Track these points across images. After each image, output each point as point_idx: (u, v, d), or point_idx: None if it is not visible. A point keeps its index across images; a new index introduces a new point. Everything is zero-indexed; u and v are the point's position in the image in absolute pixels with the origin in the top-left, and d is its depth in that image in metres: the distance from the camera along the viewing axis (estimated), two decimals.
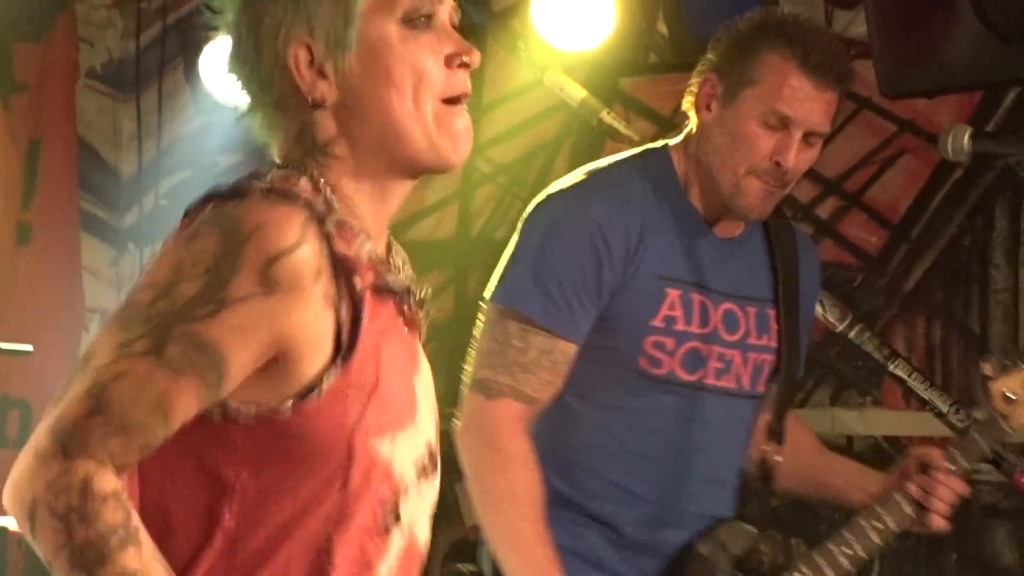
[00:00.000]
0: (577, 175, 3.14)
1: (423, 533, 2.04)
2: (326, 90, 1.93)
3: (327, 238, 1.88)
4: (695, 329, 3.10)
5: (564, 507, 3.08)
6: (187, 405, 1.76)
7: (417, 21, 1.93)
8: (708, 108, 3.05)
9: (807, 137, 3.06)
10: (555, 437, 3.11)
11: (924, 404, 4.10)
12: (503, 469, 3.00)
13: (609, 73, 4.77)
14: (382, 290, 1.96)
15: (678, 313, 3.07)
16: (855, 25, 4.98)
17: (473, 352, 3.10)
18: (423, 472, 2.01)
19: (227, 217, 1.84)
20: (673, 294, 3.07)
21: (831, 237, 5.34)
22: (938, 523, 3.16)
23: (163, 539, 1.80)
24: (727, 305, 3.14)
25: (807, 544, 3.27)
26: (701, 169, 3.09)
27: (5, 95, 5.74)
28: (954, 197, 5.16)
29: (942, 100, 4.77)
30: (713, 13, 4.88)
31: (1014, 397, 3.16)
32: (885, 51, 4.29)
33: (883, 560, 5.06)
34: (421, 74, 1.93)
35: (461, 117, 1.97)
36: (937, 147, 3.14)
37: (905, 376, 4.10)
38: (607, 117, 3.86)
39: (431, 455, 2.04)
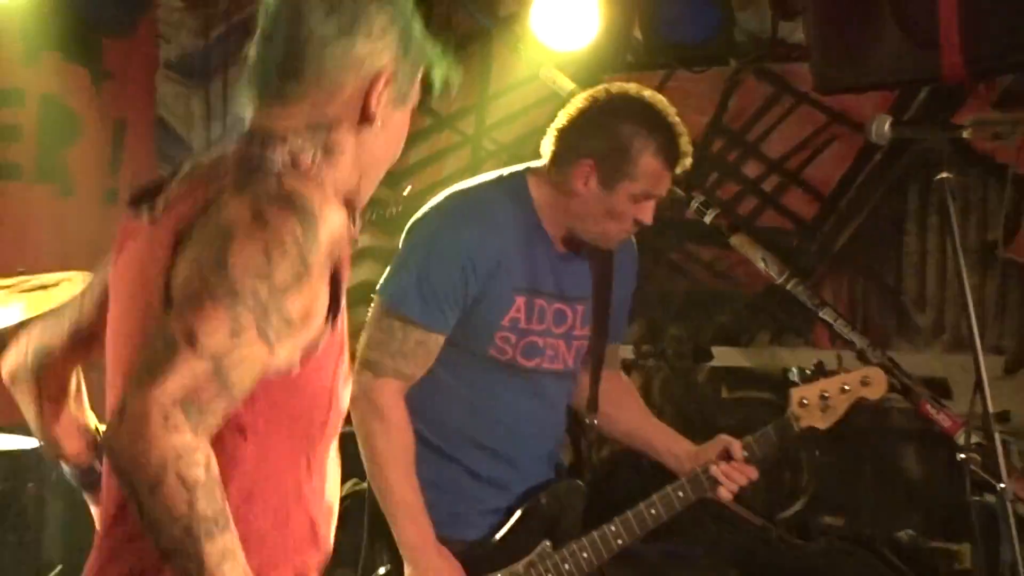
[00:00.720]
0: (452, 198, 3.26)
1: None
2: (379, 110, 2.00)
3: None
4: (534, 326, 3.25)
5: (432, 450, 3.22)
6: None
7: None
8: (585, 183, 3.13)
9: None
10: (427, 399, 3.20)
11: (847, 344, 4.19)
12: (386, 435, 3.14)
13: (593, 70, 4.77)
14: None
15: (521, 315, 3.22)
16: (796, 33, 4.95)
17: (364, 336, 3.21)
18: None
19: (295, 195, 1.83)
20: (520, 300, 3.20)
21: (774, 207, 5.38)
22: (725, 496, 3.32)
23: None
24: (558, 305, 3.28)
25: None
26: (561, 208, 3.21)
27: (96, 82, 5.70)
28: (875, 175, 5.20)
29: (866, 96, 4.78)
30: (678, 23, 4.97)
31: (807, 403, 3.32)
32: (820, 55, 4.36)
33: (811, 473, 5.16)
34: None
35: None
36: (863, 133, 3.20)
37: (832, 321, 4.17)
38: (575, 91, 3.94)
39: None
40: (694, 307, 5.49)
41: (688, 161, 3.21)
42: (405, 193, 5.39)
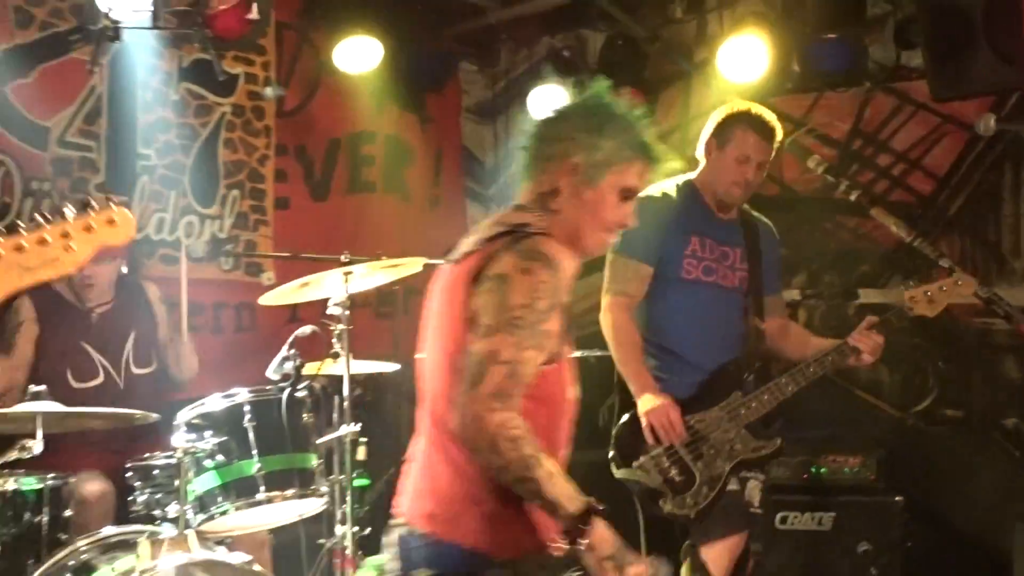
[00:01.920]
0: (652, 188, 3.38)
1: None
2: (568, 190, 2.18)
3: None
4: (706, 256, 3.51)
5: (649, 344, 3.48)
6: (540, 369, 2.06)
7: (623, 204, 2.21)
8: (708, 155, 3.56)
9: (762, 165, 3.52)
10: (647, 311, 3.49)
11: None
12: (619, 332, 3.44)
13: (763, 95, 4.80)
14: None
15: (697, 248, 3.50)
16: (914, 59, 5.01)
17: (606, 274, 3.49)
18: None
19: (544, 253, 2.05)
20: (695, 239, 3.50)
21: (901, 187, 5.34)
22: (866, 360, 3.47)
23: None
24: (723, 248, 3.55)
25: None
26: (709, 185, 3.56)
27: (422, 124, 5.91)
28: (978, 159, 5.14)
29: (969, 102, 4.79)
30: (824, 57, 4.96)
31: (916, 298, 3.50)
32: (933, 73, 4.42)
33: (936, 378, 5.13)
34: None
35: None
36: (970, 129, 3.35)
37: (948, 267, 4.22)
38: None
39: None
40: (843, 260, 5.46)
41: (773, 134, 3.50)
42: None
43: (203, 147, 5.08)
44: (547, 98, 5.47)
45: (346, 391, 3.60)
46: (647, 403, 3.35)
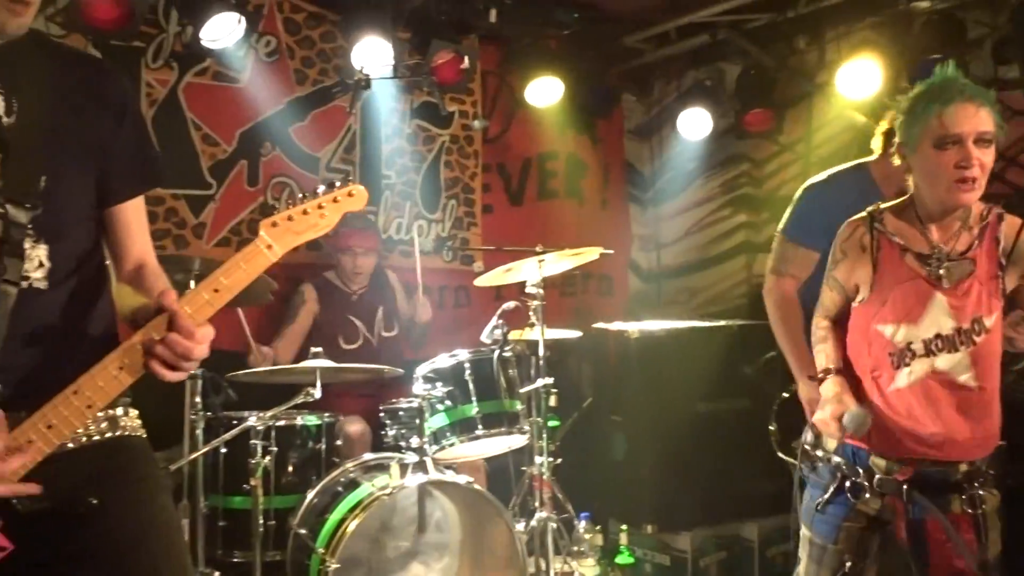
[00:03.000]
0: (813, 179, 2.99)
1: (960, 375, 2.08)
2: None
3: (874, 232, 2.15)
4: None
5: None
6: (836, 300, 2.24)
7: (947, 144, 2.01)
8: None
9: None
10: (812, 290, 2.79)
11: None
12: (784, 313, 2.89)
13: (877, 109, 4.42)
14: (916, 256, 2.11)
15: None
16: (1010, 72, 4.59)
17: (770, 257, 2.99)
18: (935, 346, 2.08)
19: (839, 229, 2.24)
20: None
21: (1000, 181, 4.71)
22: None
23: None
24: None
25: None
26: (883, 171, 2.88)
27: (593, 143, 5.78)
28: None
29: None
30: (930, 74, 4.72)
31: None
32: None
33: None
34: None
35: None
36: None
37: None
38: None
39: (940, 339, 2.08)
40: None
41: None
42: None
43: (429, 168, 5.15)
44: (692, 120, 5.31)
45: (541, 352, 3.58)
46: (807, 387, 2.76)
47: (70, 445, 1.48)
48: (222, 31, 3.96)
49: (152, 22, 4.08)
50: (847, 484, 2.20)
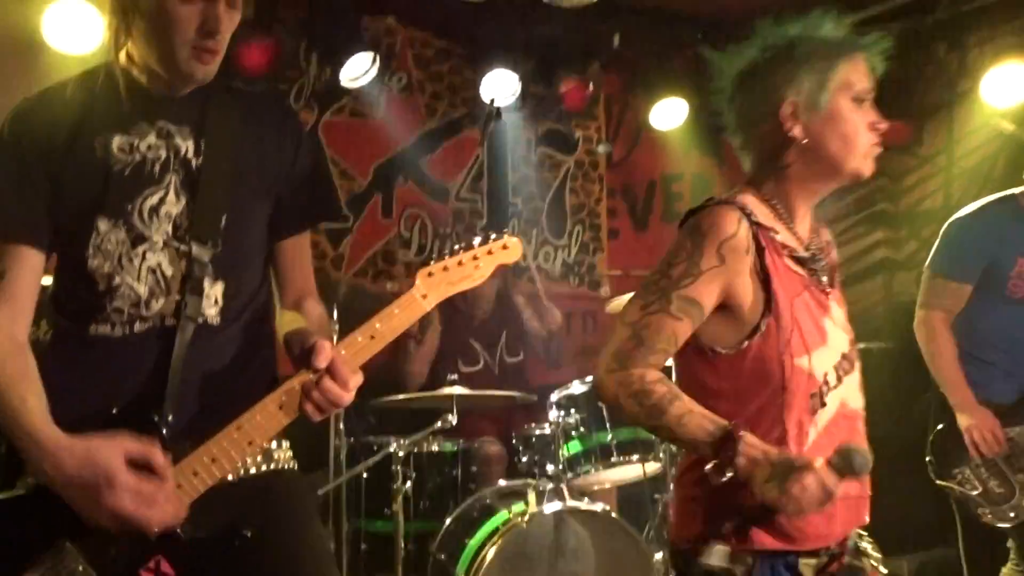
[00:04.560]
0: (963, 211, 2.87)
1: (854, 402, 1.60)
2: (798, 132, 1.57)
3: (754, 230, 1.54)
4: None
5: (968, 354, 2.81)
6: (685, 334, 1.51)
7: (860, 100, 1.59)
8: None
9: None
10: (966, 322, 2.83)
11: None
12: (938, 347, 2.80)
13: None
14: (794, 260, 1.59)
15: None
16: None
17: (921, 291, 2.89)
18: (842, 370, 1.58)
19: (697, 222, 1.55)
20: (1020, 260, 2.79)
21: None
22: None
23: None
24: None
25: None
26: None
27: (719, 164, 5.46)
28: None
29: None
30: None
31: None
32: None
33: None
34: (859, 134, 1.58)
35: (874, 155, 1.61)
36: None
37: None
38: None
39: (845, 359, 1.59)
40: None
41: None
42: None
43: (554, 194, 5.15)
44: None
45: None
46: (968, 418, 2.74)
47: (229, 478, 1.52)
48: (358, 70, 4.09)
49: (294, 65, 4.27)
50: None
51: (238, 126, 1.59)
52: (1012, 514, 2.73)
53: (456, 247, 1.61)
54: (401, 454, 3.24)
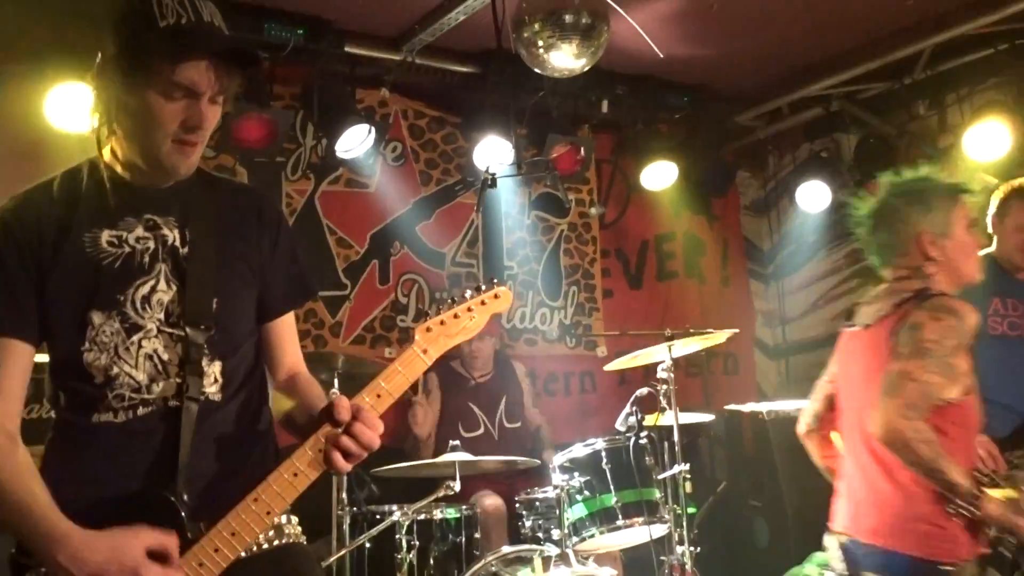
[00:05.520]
0: None
1: None
2: (936, 253, 2.15)
3: None
4: (1009, 312, 3.03)
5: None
6: (951, 396, 2.00)
7: (974, 229, 2.18)
8: (995, 229, 3.17)
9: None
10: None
11: None
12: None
13: (1010, 169, 4.27)
14: None
15: (999, 307, 3.03)
16: None
17: None
18: None
19: (948, 307, 2.04)
20: (996, 301, 3.01)
21: None
22: None
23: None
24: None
25: None
26: (1003, 253, 3.11)
27: (710, 222, 5.73)
28: None
29: None
30: None
31: None
32: None
33: None
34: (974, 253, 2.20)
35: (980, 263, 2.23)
36: None
37: None
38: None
39: None
40: None
41: None
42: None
43: (549, 256, 5.20)
44: (811, 192, 5.15)
45: (676, 437, 3.47)
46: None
47: (243, 554, 1.51)
48: (354, 141, 4.16)
49: (291, 138, 4.34)
50: None
51: (219, 216, 1.64)
52: None
53: (451, 300, 1.66)
54: (405, 523, 3.19)
